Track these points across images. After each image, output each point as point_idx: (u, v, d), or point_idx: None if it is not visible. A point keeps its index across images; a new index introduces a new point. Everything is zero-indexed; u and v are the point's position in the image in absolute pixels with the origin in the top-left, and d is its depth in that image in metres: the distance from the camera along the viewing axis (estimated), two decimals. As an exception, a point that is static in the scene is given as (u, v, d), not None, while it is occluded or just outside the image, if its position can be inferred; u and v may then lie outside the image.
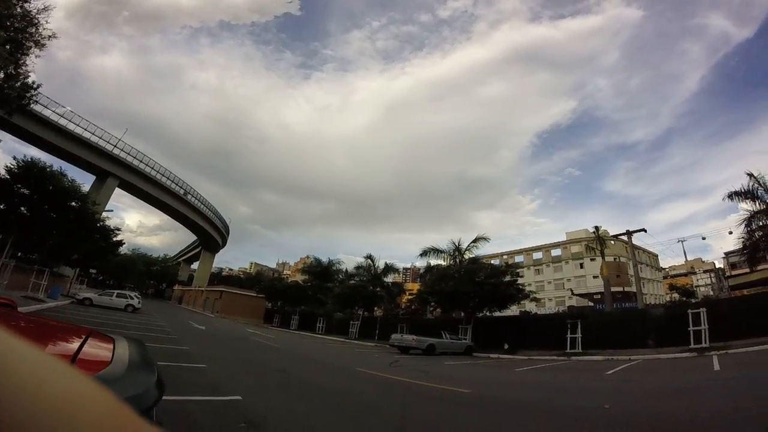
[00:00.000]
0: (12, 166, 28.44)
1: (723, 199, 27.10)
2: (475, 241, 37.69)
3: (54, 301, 29.15)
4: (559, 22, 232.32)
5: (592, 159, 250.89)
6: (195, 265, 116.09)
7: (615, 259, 62.02)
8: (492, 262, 46.83)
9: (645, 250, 73.86)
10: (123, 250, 68.38)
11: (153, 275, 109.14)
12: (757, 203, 25.94)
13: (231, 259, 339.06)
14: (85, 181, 48.31)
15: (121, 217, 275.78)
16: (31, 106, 32.51)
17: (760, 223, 26.04)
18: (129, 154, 65.64)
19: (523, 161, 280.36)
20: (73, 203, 32.14)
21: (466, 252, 37.69)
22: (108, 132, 62.08)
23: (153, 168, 71.35)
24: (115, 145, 62.82)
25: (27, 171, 28.37)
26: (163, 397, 1.53)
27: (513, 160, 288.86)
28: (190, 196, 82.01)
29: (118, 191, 68.82)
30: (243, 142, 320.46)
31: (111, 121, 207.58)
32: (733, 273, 52.78)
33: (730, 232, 29.59)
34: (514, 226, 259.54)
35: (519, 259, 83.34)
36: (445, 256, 38.57)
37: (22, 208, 29.77)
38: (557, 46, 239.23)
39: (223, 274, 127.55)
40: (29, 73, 21.79)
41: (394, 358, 21.89)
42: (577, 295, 67.98)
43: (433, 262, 41.05)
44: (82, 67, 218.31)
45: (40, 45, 21.12)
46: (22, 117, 45.26)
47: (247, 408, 6.92)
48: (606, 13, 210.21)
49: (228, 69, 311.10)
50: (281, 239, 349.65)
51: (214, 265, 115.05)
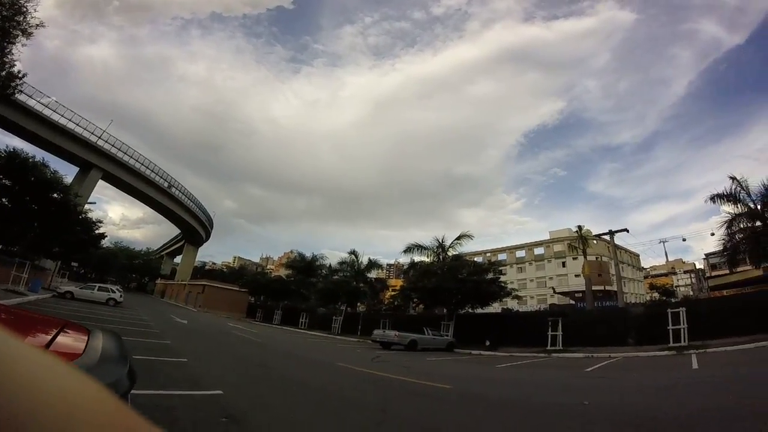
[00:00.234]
0: None
1: (705, 201, 27.57)
2: (458, 238, 37.75)
3: (35, 295, 28.69)
4: (552, 23, 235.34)
5: (578, 160, 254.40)
6: (178, 259, 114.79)
7: (597, 258, 62.80)
8: (475, 259, 47.03)
9: (627, 250, 74.82)
10: (105, 243, 67.23)
11: (135, 269, 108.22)
12: (738, 206, 26.41)
13: (215, 253, 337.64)
14: (68, 172, 47.63)
15: (104, 209, 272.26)
16: (16, 95, 31.99)
17: (741, 226, 26.52)
18: (113, 145, 64.50)
19: (509, 160, 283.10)
20: (54, 195, 31.53)
21: (450, 249, 37.79)
22: (93, 123, 61.04)
23: (137, 160, 70.23)
24: (99, 137, 61.65)
25: (9, 162, 27.81)
26: (145, 392, 1.55)
27: (499, 159, 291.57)
28: (174, 189, 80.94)
29: (101, 183, 67.87)
30: (230, 135, 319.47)
31: (97, 113, 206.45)
32: (713, 274, 53.57)
33: (712, 234, 30.17)
34: (498, 225, 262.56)
35: (502, 257, 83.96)
36: (429, 253, 38.62)
37: (4, 200, 29.25)
38: (549, 47, 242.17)
39: (207, 268, 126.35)
40: (15, 62, 21.49)
41: (376, 353, 22.00)
42: (558, 293, 68.55)
43: (417, 258, 41.12)
44: (69, 56, 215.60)
45: (27, 34, 20.78)
46: (5, 106, 44.65)
47: (228, 402, 6.89)
48: (600, 16, 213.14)
49: (218, 61, 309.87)
50: (266, 234, 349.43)
51: (197, 259, 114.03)
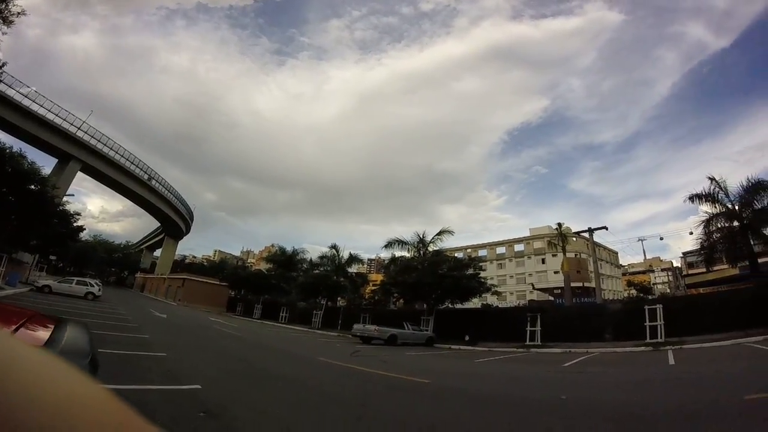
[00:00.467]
0: None
1: (684, 201, 28.22)
2: (439, 233, 37.93)
3: (12, 289, 28.30)
4: (540, 22, 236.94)
5: (560, 158, 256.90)
6: (158, 253, 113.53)
7: (576, 255, 63.65)
8: (456, 255, 47.29)
9: (605, 248, 75.88)
10: (84, 236, 66.33)
11: (115, 262, 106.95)
12: (717, 206, 27.08)
13: (195, 246, 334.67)
14: (45, 164, 46.84)
15: (83, 202, 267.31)
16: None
17: (719, 225, 27.14)
18: (93, 137, 63.49)
19: (491, 157, 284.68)
20: (32, 187, 30.73)
21: (431, 244, 37.92)
22: (73, 114, 59.97)
23: (117, 152, 69.22)
24: (78, 128, 60.59)
25: None
26: (122, 387, 1.61)
27: (482, 155, 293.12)
28: (154, 182, 80.00)
29: (80, 175, 66.95)
30: (212, 127, 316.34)
31: (77, 103, 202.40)
32: (690, 272, 54.54)
33: (691, 233, 30.78)
34: (479, 221, 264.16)
35: (482, 253, 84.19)
36: (410, 248, 38.71)
37: None
38: (535, 45, 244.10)
39: (187, 261, 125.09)
40: None
41: (355, 348, 22.04)
42: (538, 289, 69.19)
43: (398, 253, 41.14)
44: (50, 46, 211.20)
45: (8, 22, 20.40)
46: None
47: (207, 397, 6.88)
48: (588, 16, 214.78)
49: (201, 52, 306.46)
50: (247, 227, 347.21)
51: (177, 253, 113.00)
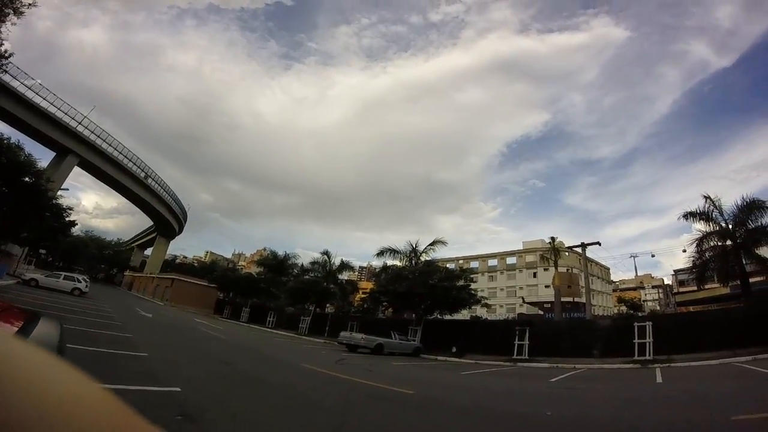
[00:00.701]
0: None
1: (678, 218, 28.49)
2: (432, 243, 37.79)
3: (-1, 280, 28.08)
4: (546, 36, 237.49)
5: (557, 172, 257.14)
6: (149, 251, 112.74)
7: (568, 269, 63.59)
8: (448, 265, 47.25)
9: (598, 263, 76.14)
10: (76, 231, 65.88)
11: (105, 259, 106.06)
12: (710, 224, 27.26)
13: (187, 246, 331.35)
14: (44, 157, 46.52)
15: (78, 197, 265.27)
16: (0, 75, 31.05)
17: (712, 244, 27.26)
18: (93, 132, 62.80)
19: (489, 169, 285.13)
20: (26, 179, 30.50)
21: (423, 254, 37.77)
22: (74, 108, 59.21)
23: (116, 149, 68.54)
24: (79, 122, 59.87)
25: None
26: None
27: (480, 167, 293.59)
28: (151, 180, 79.30)
29: (77, 170, 66.05)
30: (214, 128, 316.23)
31: (80, 97, 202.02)
32: (681, 290, 54.57)
33: (684, 250, 31.00)
34: (473, 232, 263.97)
35: (474, 264, 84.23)
36: (402, 257, 38.53)
37: None
38: (540, 60, 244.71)
39: (177, 261, 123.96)
40: (2, 41, 20.98)
41: (341, 355, 21.95)
42: (528, 303, 69.27)
43: (390, 262, 40.93)
44: (59, 39, 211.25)
45: (18, 13, 20.29)
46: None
47: (186, 400, 6.79)
48: (593, 32, 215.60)
49: (208, 52, 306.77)
50: (240, 229, 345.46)
51: (168, 252, 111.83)
